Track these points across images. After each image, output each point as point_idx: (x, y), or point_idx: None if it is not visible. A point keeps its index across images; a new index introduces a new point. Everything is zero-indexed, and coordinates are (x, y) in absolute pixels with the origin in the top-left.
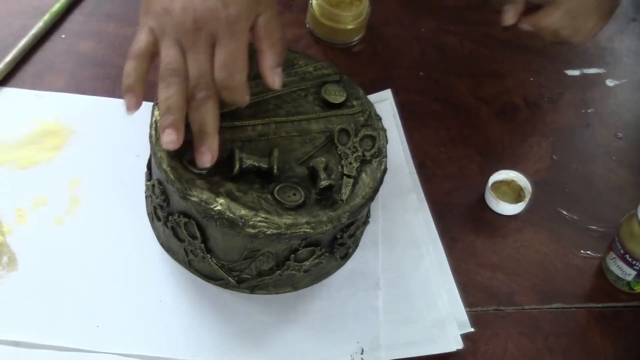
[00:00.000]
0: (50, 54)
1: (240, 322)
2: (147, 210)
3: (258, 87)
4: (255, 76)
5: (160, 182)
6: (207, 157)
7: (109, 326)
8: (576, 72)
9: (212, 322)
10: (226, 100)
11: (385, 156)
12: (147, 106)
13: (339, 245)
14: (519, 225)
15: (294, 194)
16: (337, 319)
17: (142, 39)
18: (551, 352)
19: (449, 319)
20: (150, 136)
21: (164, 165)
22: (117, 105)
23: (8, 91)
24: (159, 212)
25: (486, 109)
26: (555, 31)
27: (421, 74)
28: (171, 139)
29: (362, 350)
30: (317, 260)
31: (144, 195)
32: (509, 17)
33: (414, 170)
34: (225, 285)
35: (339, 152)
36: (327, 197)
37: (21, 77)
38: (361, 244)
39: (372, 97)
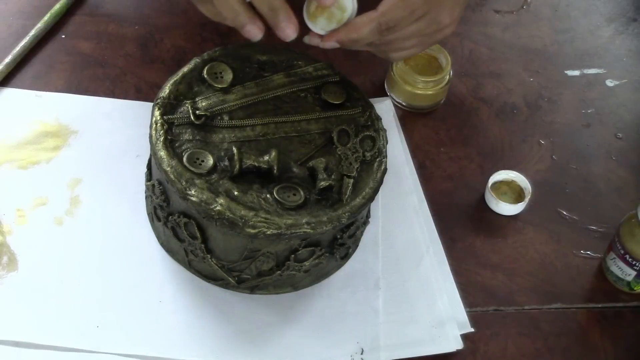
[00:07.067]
0: (51, 54)
1: (240, 322)
2: (147, 211)
3: (258, 87)
4: (255, 76)
5: (160, 182)
6: (289, 30)
7: (109, 326)
8: (576, 72)
9: (212, 322)
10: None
11: (385, 156)
12: (147, 106)
13: (339, 246)
14: (519, 225)
15: (294, 194)
16: (337, 319)
17: None
18: (551, 352)
19: (448, 319)
20: (150, 136)
21: (164, 165)
22: (117, 105)
23: (8, 91)
24: (159, 212)
25: (486, 109)
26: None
27: None
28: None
29: (362, 351)
30: (317, 261)
31: (144, 195)
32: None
33: (414, 170)
34: (225, 285)
35: (339, 153)
36: (327, 198)
37: (21, 77)
38: (361, 244)
39: (371, 97)
